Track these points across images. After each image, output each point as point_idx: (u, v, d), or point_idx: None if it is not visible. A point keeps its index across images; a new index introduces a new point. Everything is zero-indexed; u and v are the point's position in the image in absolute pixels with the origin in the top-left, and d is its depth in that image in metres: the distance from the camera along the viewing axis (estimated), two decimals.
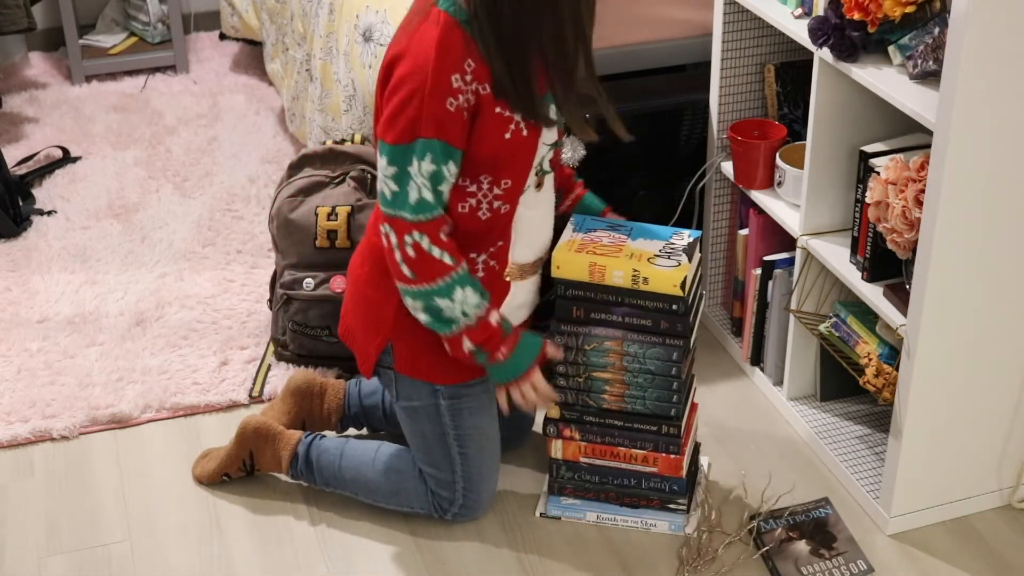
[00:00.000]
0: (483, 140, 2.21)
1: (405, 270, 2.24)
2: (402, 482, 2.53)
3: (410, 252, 2.23)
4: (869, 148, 2.45)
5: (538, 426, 2.68)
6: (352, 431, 2.76)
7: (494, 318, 2.30)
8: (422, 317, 2.29)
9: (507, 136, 2.22)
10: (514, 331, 2.34)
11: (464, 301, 2.26)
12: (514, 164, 2.26)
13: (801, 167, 2.63)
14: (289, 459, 2.59)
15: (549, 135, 2.31)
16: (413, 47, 2.16)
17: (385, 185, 2.22)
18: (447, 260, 2.24)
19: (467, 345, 2.29)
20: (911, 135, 2.50)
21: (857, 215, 2.52)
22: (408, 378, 2.43)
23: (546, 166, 2.34)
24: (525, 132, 2.24)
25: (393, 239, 2.24)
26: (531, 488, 2.66)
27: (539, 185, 2.35)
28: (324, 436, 2.62)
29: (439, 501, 2.52)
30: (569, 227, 2.46)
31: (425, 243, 2.22)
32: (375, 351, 2.42)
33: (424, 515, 2.55)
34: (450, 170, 2.21)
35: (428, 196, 2.20)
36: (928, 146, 2.49)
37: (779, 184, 2.73)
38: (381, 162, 2.22)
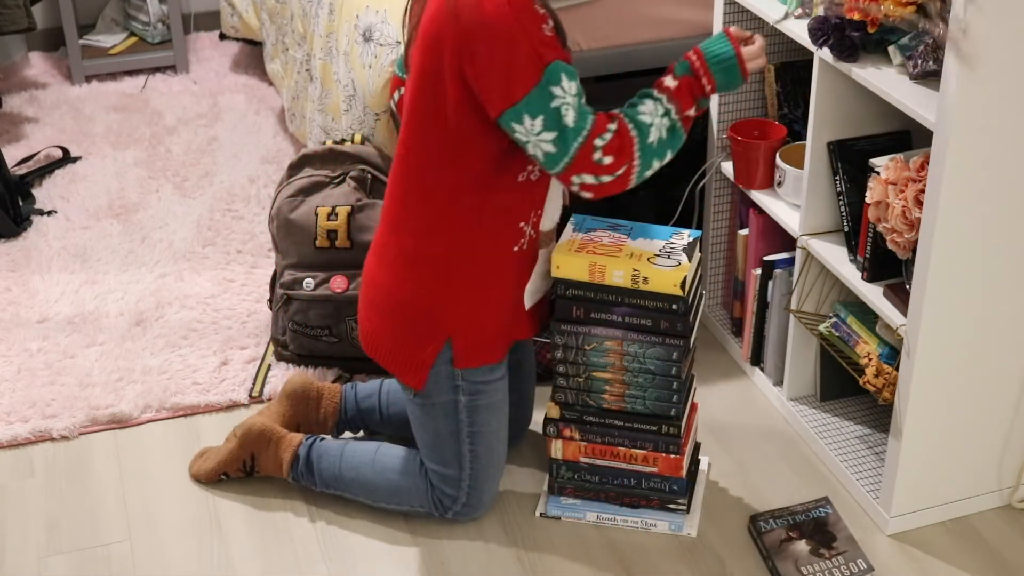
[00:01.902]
0: None
1: (619, 174, 2.20)
2: (403, 481, 2.53)
3: (606, 161, 2.17)
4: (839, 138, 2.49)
5: (537, 426, 2.69)
6: (348, 435, 2.76)
7: (669, 81, 2.25)
8: (668, 157, 2.26)
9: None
10: (689, 67, 2.26)
11: (653, 113, 2.22)
12: None
13: (801, 167, 2.63)
14: (290, 462, 2.59)
15: None
16: (486, 9, 2.09)
17: (541, 144, 2.14)
18: (619, 126, 2.19)
19: (692, 112, 2.26)
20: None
21: (843, 210, 2.53)
22: (436, 375, 2.40)
23: None
24: None
25: (590, 178, 2.19)
26: (531, 488, 2.66)
27: None
28: (324, 439, 2.63)
29: (441, 499, 2.52)
30: (569, 227, 2.46)
31: (601, 142, 2.16)
32: (431, 356, 2.38)
33: (424, 513, 2.55)
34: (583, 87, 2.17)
35: (585, 110, 2.15)
36: (898, 136, 2.51)
37: (779, 184, 2.73)
38: (526, 123, 2.12)
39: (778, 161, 2.71)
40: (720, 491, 2.65)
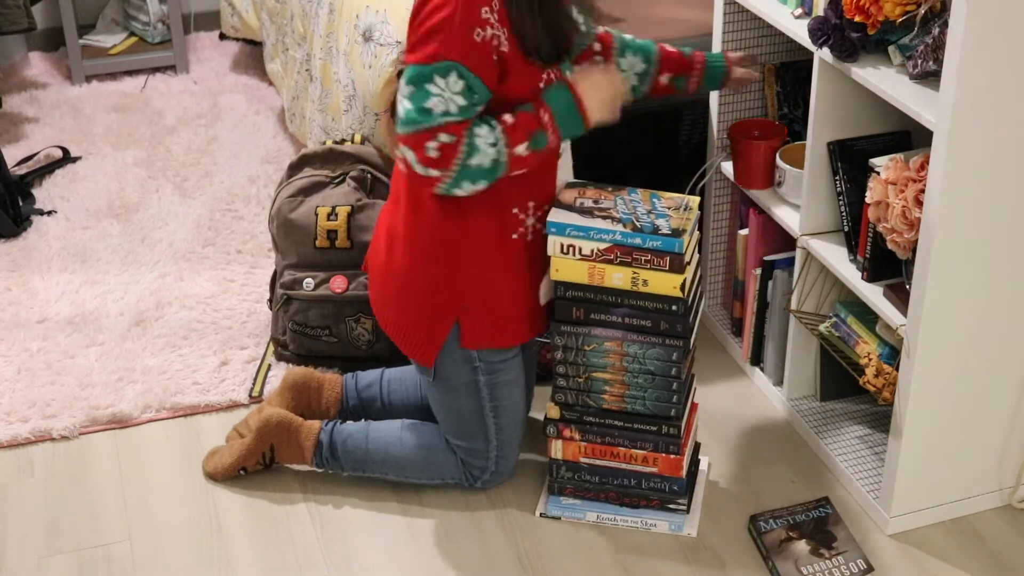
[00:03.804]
0: (518, 88, 2.26)
1: (435, 173, 2.22)
2: (432, 456, 2.58)
3: (432, 154, 2.20)
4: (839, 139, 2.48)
5: (537, 426, 2.69)
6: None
7: (508, 118, 2.26)
8: (480, 186, 2.26)
9: (541, 85, 2.28)
10: (536, 104, 2.28)
11: (484, 138, 2.23)
12: None
13: (801, 167, 2.63)
14: (313, 448, 2.61)
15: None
16: None
17: (402, 105, 2.22)
18: (456, 140, 2.21)
19: (522, 150, 2.27)
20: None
21: (843, 210, 2.53)
22: (452, 357, 2.45)
23: None
24: (554, 76, 2.30)
25: (411, 156, 2.22)
26: (531, 488, 2.66)
27: None
28: (341, 422, 2.64)
29: (470, 471, 2.59)
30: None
31: (445, 138, 2.20)
32: (440, 336, 2.43)
33: (454, 484, 2.61)
34: (474, 95, 2.21)
35: (446, 108, 2.19)
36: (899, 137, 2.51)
37: (779, 184, 2.73)
38: (402, 86, 2.22)
39: (778, 161, 2.71)
40: (720, 491, 2.65)
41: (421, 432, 2.61)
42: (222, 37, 4.51)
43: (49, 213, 3.64)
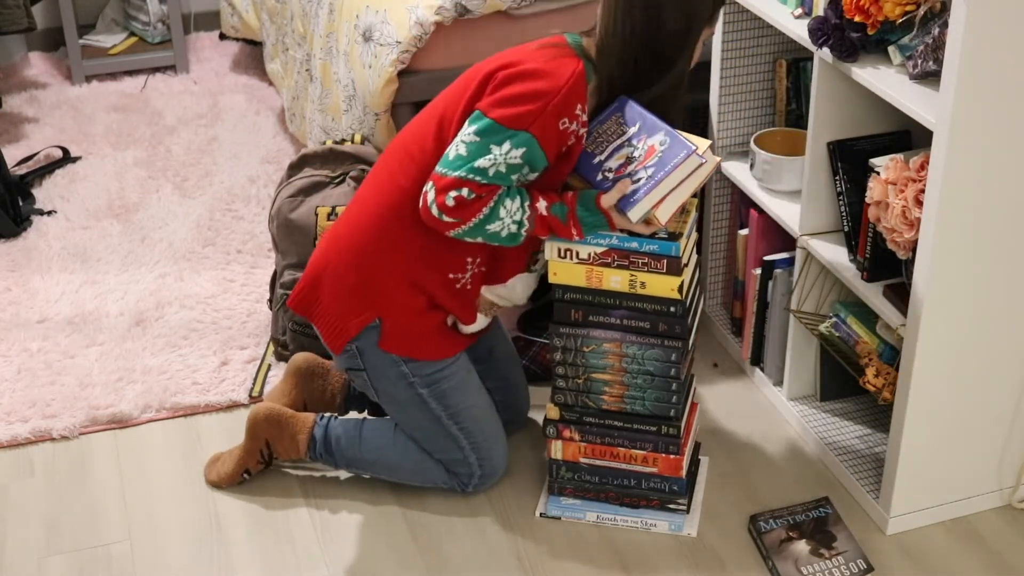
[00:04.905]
0: (553, 172, 2.33)
1: (447, 220, 2.27)
2: (424, 462, 2.58)
3: (450, 203, 2.25)
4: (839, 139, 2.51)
5: (537, 426, 2.68)
6: (354, 413, 2.75)
7: (542, 207, 2.31)
8: (479, 240, 2.32)
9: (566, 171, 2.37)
10: (569, 209, 2.32)
11: (511, 213, 2.28)
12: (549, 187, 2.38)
13: (776, 152, 2.72)
14: (307, 442, 2.61)
15: None
16: (552, 67, 2.26)
17: (456, 148, 2.26)
18: (482, 200, 2.26)
19: (542, 233, 2.34)
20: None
21: (843, 210, 2.53)
22: (382, 367, 2.45)
23: None
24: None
25: (432, 195, 2.26)
26: (531, 488, 2.66)
27: None
28: (336, 418, 2.64)
29: (459, 478, 2.58)
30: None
31: (466, 192, 2.24)
32: (356, 327, 2.43)
33: (447, 489, 2.60)
34: (528, 170, 2.28)
35: (492, 172, 2.24)
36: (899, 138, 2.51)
37: (751, 167, 2.77)
38: (467, 129, 2.25)
39: (752, 145, 2.73)
40: (720, 491, 2.65)
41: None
42: (222, 37, 4.51)
43: (49, 213, 3.64)
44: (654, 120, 2.31)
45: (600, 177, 2.32)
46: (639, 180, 2.28)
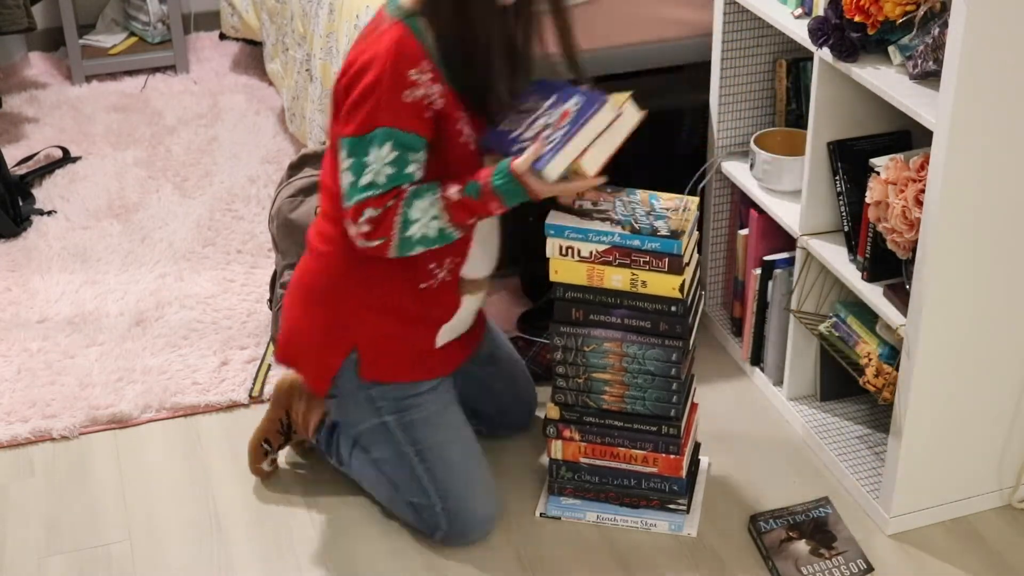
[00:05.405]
0: (445, 145, 2.27)
1: (375, 244, 2.25)
2: (393, 498, 2.53)
3: (365, 228, 2.24)
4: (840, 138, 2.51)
5: (537, 426, 2.68)
6: None
7: (453, 192, 2.25)
8: (435, 247, 2.29)
9: (461, 141, 2.28)
10: (482, 184, 2.25)
11: (425, 211, 2.24)
12: (468, 173, 2.29)
13: (775, 152, 2.71)
14: (316, 425, 2.60)
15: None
16: (373, 50, 2.21)
17: (343, 179, 2.24)
18: (389, 210, 2.23)
19: (472, 221, 2.29)
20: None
21: (843, 210, 2.53)
22: (352, 391, 2.43)
23: None
24: (472, 146, 2.30)
25: (352, 230, 2.25)
26: (531, 488, 2.66)
27: None
28: None
29: (426, 524, 2.50)
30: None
31: (370, 212, 2.22)
32: (339, 360, 2.41)
33: (418, 530, 2.53)
34: (412, 155, 2.23)
35: (381, 179, 2.21)
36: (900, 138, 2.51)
37: (751, 167, 2.76)
38: (341, 156, 2.24)
39: (751, 145, 2.73)
40: (720, 491, 2.65)
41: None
42: (222, 37, 4.51)
43: (49, 213, 3.64)
44: (572, 89, 2.29)
45: (516, 148, 2.27)
46: (553, 140, 2.24)
